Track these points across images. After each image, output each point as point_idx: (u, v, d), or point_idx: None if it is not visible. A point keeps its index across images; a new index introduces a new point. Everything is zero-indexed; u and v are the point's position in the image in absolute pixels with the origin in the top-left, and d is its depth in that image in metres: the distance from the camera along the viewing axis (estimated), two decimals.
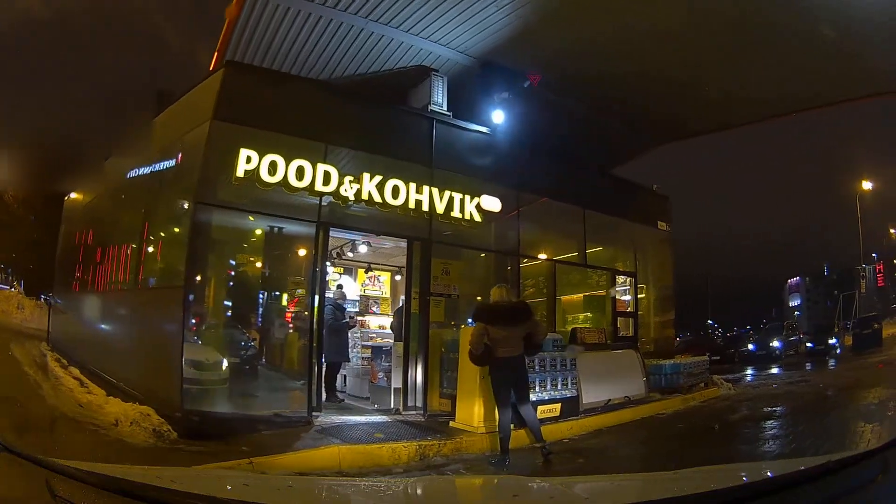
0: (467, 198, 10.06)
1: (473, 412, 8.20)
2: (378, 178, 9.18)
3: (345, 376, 11.43)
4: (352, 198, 8.93)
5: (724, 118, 14.42)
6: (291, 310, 10.53)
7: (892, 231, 48.25)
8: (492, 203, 10.39)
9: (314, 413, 8.30)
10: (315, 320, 8.70)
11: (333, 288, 11.42)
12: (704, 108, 13.45)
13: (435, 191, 9.76)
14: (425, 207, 9.64)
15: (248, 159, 8.10)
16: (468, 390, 8.42)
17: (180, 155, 8.87)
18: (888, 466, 1.96)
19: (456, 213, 9.93)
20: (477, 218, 10.13)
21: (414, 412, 9.34)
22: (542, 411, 8.83)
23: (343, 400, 10.43)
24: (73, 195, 17.13)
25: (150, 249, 9.82)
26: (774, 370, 20.93)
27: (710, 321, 61.75)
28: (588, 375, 9.93)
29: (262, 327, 10.29)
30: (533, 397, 8.49)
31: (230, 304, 9.95)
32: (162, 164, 9.71)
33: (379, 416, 9.09)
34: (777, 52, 10.91)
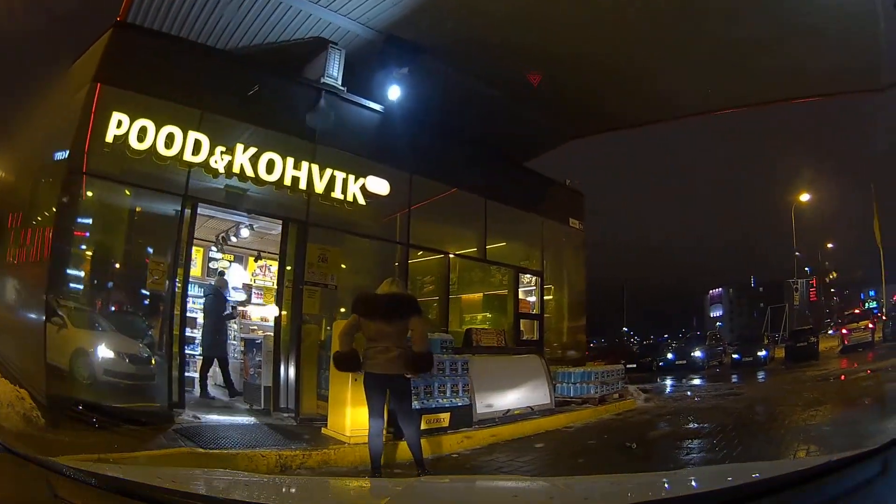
0: (351, 178, 9.31)
1: (345, 419, 7.23)
2: (253, 151, 8.45)
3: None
4: (222, 170, 8.18)
5: (650, 112, 13.79)
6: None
7: (828, 245, 49.54)
8: (379, 185, 9.66)
9: (176, 410, 7.67)
10: (178, 307, 8.12)
11: (216, 276, 10.77)
12: (630, 99, 12.79)
13: (315, 168, 8.98)
14: (303, 185, 8.86)
15: (119, 124, 7.44)
16: (339, 393, 7.42)
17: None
18: (888, 466, 1.93)
19: (337, 194, 9.16)
20: (361, 200, 9.40)
21: (286, 414, 8.55)
22: (428, 421, 7.88)
23: (215, 397, 9.64)
24: None
25: (33, 223, 9.19)
26: (697, 381, 20.27)
27: (625, 328, 62.39)
28: (484, 382, 9.05)
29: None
30: (416, 405, 7.57)
31: (112, 285, 8.79)
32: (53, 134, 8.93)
33: (246, 418, 8.31)
34: (713, 44, 10.51)
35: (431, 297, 11.46)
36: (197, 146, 7.91)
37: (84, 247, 7.95)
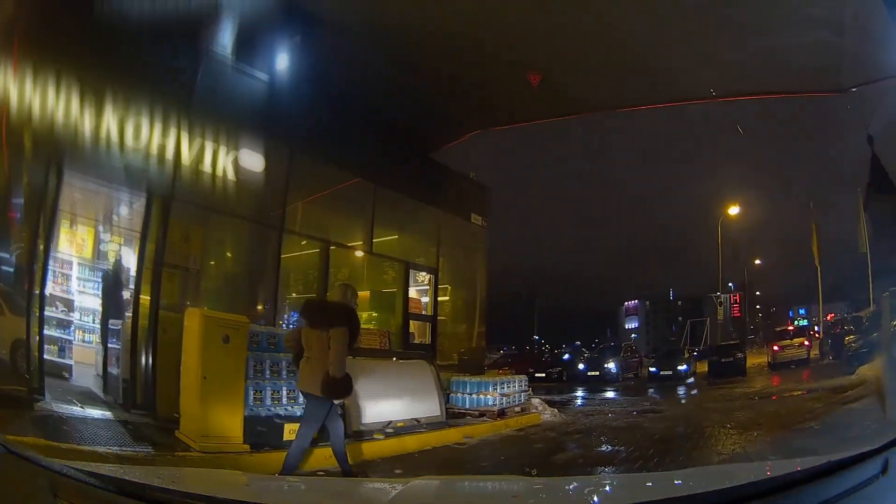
0: (223, 150, 8.71)
1: (194, 424, 6.52)
2: (120, 114, 7.86)
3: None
4: (88, 134, 7.64)
5: (561, 105, 13.31)
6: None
7: (757, 262, 50.55)
8: (253, 160, 9.09)
9: (36, 396, 7.20)
10: (37, 285, 7.61)
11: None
12: (541, 92, 12.08)
13: (184, 136, 8.36)
14: (169, 155, 8.23)
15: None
16: (189, 391, 6.69)
17: None
18: (888, 466, 1.93)
19: (206, 167, 8.55)
20: (231, 175, 8.81)
21: (145, 412, 7.79)
22: (291, 432, 6.94)
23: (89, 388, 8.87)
24: None
25: None
26: (611, 394, 19.80)
27: (537, 336, 62.78)
28: (360, 389, 8.13)
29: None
30: (281, 411, 7.21)
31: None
32: None
33: (105, 413, 7.65)
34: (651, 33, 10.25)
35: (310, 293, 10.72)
36: (67, 106, 7.39)
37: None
